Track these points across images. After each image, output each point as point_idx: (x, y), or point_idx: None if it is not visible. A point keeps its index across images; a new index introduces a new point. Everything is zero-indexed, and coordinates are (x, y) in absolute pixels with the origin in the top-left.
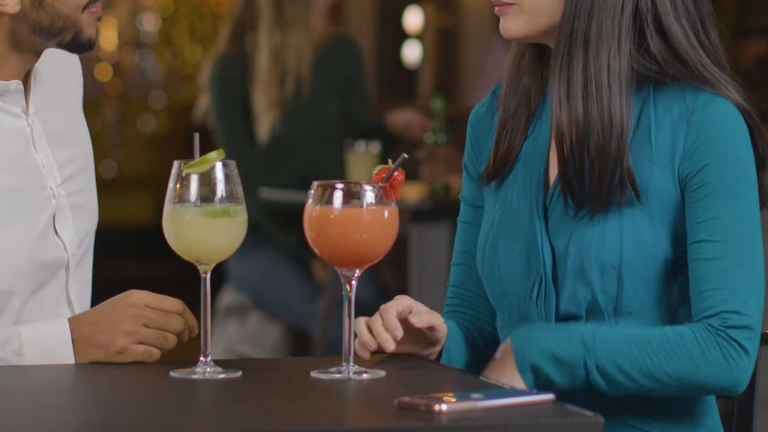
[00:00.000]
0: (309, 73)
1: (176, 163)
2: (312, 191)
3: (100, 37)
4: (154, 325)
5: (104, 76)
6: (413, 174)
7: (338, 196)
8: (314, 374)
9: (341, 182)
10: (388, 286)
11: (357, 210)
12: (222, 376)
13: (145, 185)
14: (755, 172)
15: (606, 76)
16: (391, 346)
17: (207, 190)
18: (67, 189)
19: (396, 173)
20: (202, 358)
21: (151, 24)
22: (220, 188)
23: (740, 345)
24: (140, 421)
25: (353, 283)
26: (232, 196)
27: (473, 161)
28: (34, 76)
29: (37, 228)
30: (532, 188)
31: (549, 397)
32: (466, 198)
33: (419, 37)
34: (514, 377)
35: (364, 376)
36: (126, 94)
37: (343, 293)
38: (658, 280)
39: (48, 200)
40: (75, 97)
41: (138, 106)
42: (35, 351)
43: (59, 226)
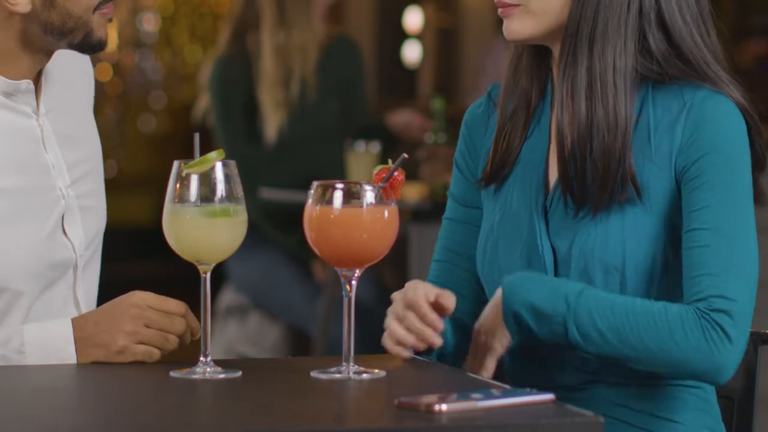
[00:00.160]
0: (313, 75)
1: (176, 163)
2: (312, 191)
3: None
4: (155, 326)
5: (104, 76)
6: (413, 174)
7: (338, 196)
8: (314, 374)
9: (341, 182)
10: (388, 286)
11: (357, 210)
12: (222, 376)
13: (145, 185)
14: (749, 167)
15: (611, 74)
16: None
17: (207, 190)
18: (77, 190)
19: (396, 173)
20: (202, 358)
21: (151, 24)
22: (220, 188)
23: (723, 330)
24: (140, 421)
25: (353, 283)
26: (232, 196)
27: (466, 159)
28: (45, 77)
29: (45, 228)
30: (532, 190)
31: (549, 397)
32: (454, 195)
33: (419, 37)
34: (500, 320)
35: (364, 376)
36: (126, 94)
37: (343, 293)
38: (659, 280)
39: (57, 201)
40: (86, 99)
41: (138, 106)
42: (37, 349)
43: (68, 226)
